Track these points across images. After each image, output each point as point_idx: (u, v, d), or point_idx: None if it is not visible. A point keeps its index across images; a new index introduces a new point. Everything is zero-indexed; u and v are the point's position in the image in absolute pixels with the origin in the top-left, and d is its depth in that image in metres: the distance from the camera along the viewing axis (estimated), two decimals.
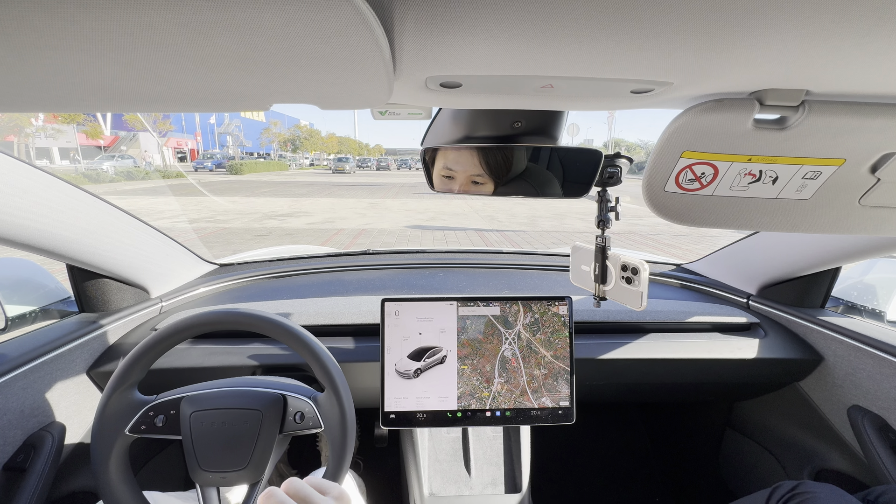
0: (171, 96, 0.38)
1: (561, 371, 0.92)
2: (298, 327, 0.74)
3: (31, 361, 0.81)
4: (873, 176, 0.46)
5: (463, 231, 7.87)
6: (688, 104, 0.43)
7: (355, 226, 8.33)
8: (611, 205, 0.64)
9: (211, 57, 0.28)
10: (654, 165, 0.47)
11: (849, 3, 0.24)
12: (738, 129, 0.42)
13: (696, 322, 1.11)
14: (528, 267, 1.45)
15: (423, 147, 0.68)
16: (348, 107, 0.44)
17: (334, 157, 36.44)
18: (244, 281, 1.31)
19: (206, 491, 0.70)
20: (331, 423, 0.71)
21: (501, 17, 0.27)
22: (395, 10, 0.26)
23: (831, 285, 1.10)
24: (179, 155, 41.54)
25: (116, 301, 1.02)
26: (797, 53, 0.31)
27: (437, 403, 0.91)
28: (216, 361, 0.96)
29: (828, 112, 0.40)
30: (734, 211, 0.52)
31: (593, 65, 0.34)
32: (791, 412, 1.16)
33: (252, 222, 8.62)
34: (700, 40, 0.29)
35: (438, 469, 1.00)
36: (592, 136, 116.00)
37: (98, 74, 0.31)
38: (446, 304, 0.93)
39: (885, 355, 0.90)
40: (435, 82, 0.40)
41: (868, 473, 0.97)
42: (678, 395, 1.26)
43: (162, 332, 0.70)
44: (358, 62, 0.30)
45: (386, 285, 1.27)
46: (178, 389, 0.73)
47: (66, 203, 0.80)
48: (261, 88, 0.36)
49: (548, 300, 0.94)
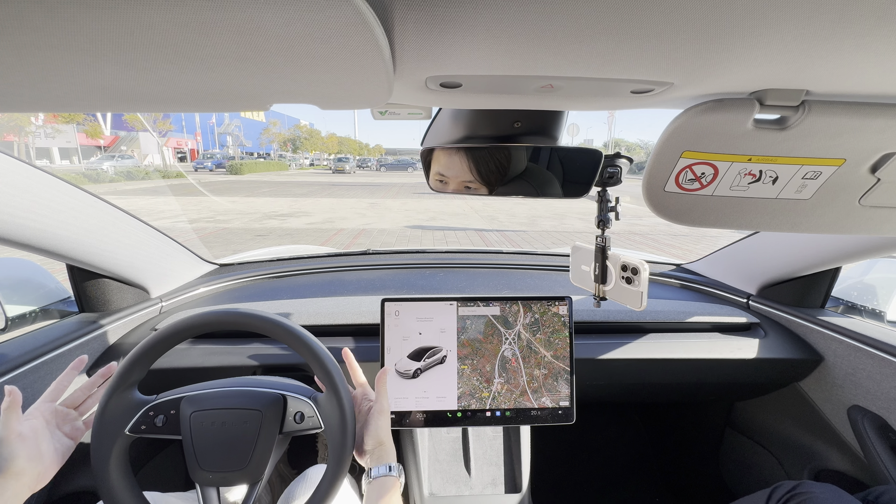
0: (171, 96, 0.38)
1: (561, 371, 0.92)
2: (298, 327, 0.73)
3: (31, 361, 0.81)
4: (873, 176, 0.46)
5: (463, 231, 7.87)
6: (688, 104, 0.43)
7: (355, 226, 8.32)
8: (611, 205, 0.64)
9: (211, 57, 0.28)
10: (654, 165, 0.47)
11: (849, 3, 0.24)
12: (738, 129, 0.42)
13: (696, 322, 1.11)
14: (528, 267, 1.45)
15: (423, 147, 0.68)
16: (348, 107, 0.44)
17: (334, 157, 36.42)
18: (244, 281, 1.31)
19: (206, 491, 0.70)
20: (331, 424, 0.71)
21: (501, 17, 0.27)
22: (395, 10, 0.26)
23: (831, 285, 1.10)
24: (179, 155, 41.47)
25: (116, 301, 1.02)
26: (797, 53, 0.31)
27: (437, 403, 0.91)
28: (216, 361, 0.95)
29: (828, 112, 0.40)
30: (734, 211, 0.52)
31: (593, 65, 0.34)
32: (791, 412, 1.16)
33: (252, 222, 8.61)
34: (700, 40, 0.29)
35: (438, 469, 1.00)
36: (592, 136, 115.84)
37: (98, 74, 0.31)
38: (446, 304, 0.93)
39: (885, 355, 0.90)
40: (435, 82, 0.40)
41: (868, 473, 0.97)
42: (678, 395, 1.26)
43: (162, 332, 0.70)
44: (358, 62, 0.30)
45: (386, 285, 1.27)
46: (178, 389, 0.73)
47: (66, 203, 0.80)
48: (261, 88, 0.36)
49: (548, 300, 0.94)
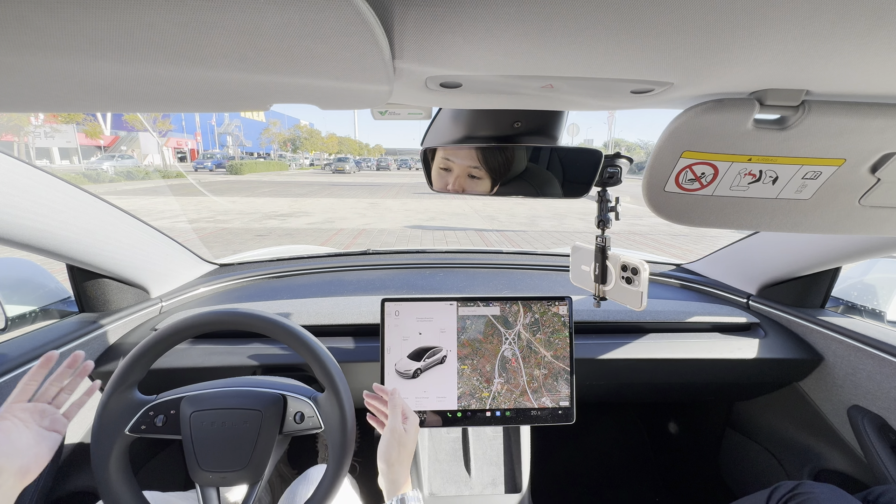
0: (171, 96, 0.38)
1: (561, 371, 0.92)
2: (298, 327, 0.73)
3: (31, 361, 0.81)
4: (873, 176, 0.46)
5: (463, 231, 7.87)
6: (688, 104, 0.43)
7: (355, 226, 8.32)
8: (611, 205, 0.64)
9: (211, 57, 0.28)
10: (654, 165, 0.47)
11: (849, 3, 0.24)
12: (738, 129, 0.42)
13: (696, 322, 1.11)
14: (528, 267, 1.45)
15: (423, 147, 0.68)
16: (348, 107, 0.44)
17: (334, 157, 36.40)
18: (244, 281, 1.31)
19: (206, 491, 0.70)
20: (331, 424, 0.71)
21: (501, 17, 0.26)
22: (395, 10, 0.26)
23: (831, 285, 1.10)
24: (179, 155, 41.45)
25: (116, 301, 1.02)
26: (797, 53, 0.31)
27: (437, 403, 0.91)
28: (216, 361, 0.95)
29: (828, 112, 0.40)
30: (734, 211, 0.52)
31: (593, 65, 0.34)
32: (791, 412, 1.16)
33: (252, 222, 8.61)
34: (700, 40, 0.29)
35: (438, 469, 1.00)
36: (592, 136, 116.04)
37: (98, 74, 0.31)
38: (446, 304, 0.93)
39: (885, 355, 0.90)
40: (435, 82, 0.40)
41: (868, 473, 0.97)
42: (678, 395, 1.26)
43: (162, 332, 0.70)
44: (358, 62, 0.30)
45: (386, 285, 1.27)
46: (178, 389, 0.73)
47: (66, 203, 0.80)
48: (261, 88, 0.36)
49: (548, 300, 0.94)
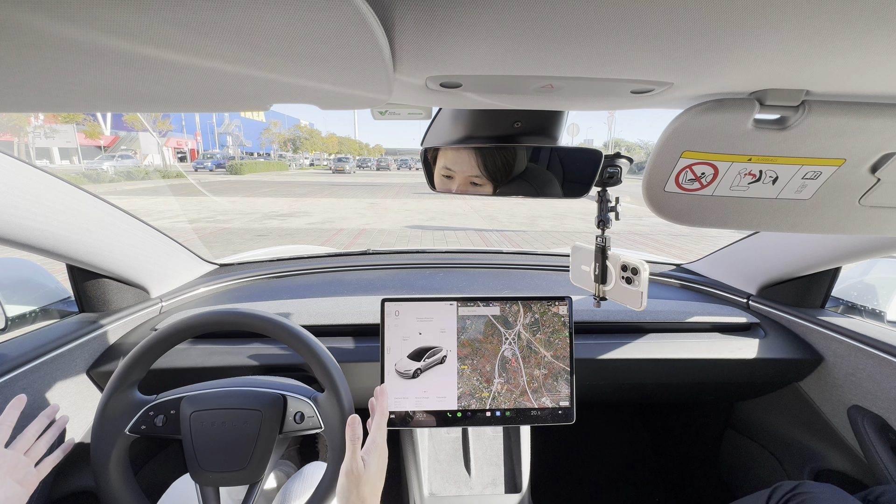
0: (171, 96, 0.38)
1: (561, 371, 0.92)
2: (298, 327, 0.74)
3: (31, 361, 0.81)
4: (873, 176, 0.46)
5: (463, 231, 7.87)
6: (688, 104, 0.43)
7: (355, 226, 8.32)
8: (611, 205, 0.64)
9: (211, 57, 0.28)
10: (654, 165, 0.47)
11: (849, 3, 0.24)
12: (738, 129, 0.42)
13: (696, 322, 1.11)
14: (528, 267, 1.45)
15: (423, 147, 0.68)
16: (348, 107, 0.44)
17: (334, 158, 36.41)
18: (244, 281, 1.31)
19: (206, 491, 0.70)
20: (331, 424, 0.71)
21: (501, 17, 0.26)
22: (395, 10, 0.26)
23: (831, 285, 1.10)
24: (179, 155, 41.43)
25: (116, 301, 1.02)
26: (797, 53, 0.31)
27: (437, 403, 0.91)
28: (216, 361, 0.95)
29: (828, 112, 0.40)
30: (734, 211, 0.52)
31: (593, 65, 0.34)
32: (791, 412, 1.16)
33: (252, 222, 8.61)
34: (700, 40, 0.29)
35: (438, 469, 1.00)
36: (592, 136, 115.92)
37: (98, 74, 0.31)
38: (446, 304, 0.93)
39: (885, 355, 0.90)
40: (435, 82, 0.40)
41: (868, 473, 0.97)
42: (678, 395, 1.26)
43: (162, 332, 0.70)
44: (358, 62, 0.30)
45: (386, 285, 1.27)
46: (178, 389, 0.73)
47: (66, 203, 0.80)
48: (261, 88, 0.36)
49: (548, 300, 0.94)
